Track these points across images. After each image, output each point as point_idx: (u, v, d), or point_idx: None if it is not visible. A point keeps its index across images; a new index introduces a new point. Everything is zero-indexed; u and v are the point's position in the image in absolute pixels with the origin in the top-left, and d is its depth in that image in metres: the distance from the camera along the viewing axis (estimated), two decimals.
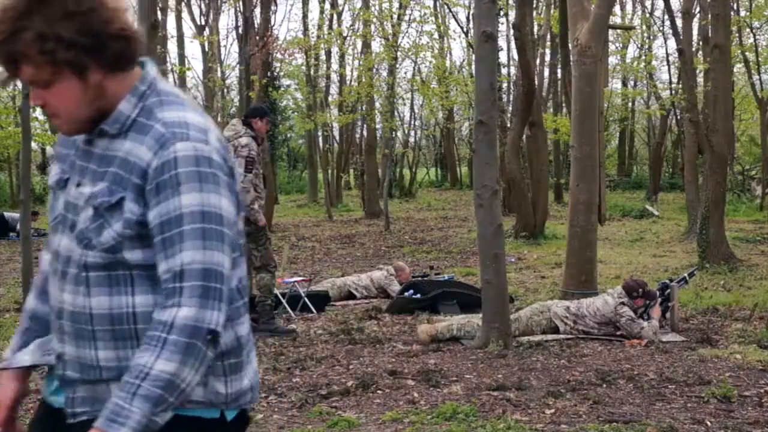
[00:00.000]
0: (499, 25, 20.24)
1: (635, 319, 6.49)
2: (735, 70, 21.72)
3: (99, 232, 1.55)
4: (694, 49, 15.80)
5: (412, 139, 36.91)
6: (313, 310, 8.00)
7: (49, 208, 1.69)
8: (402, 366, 5.64)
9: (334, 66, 26.96)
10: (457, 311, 7.79)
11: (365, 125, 25.23)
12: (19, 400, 1.75)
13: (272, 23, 20.01)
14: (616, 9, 26.58)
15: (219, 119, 24.88)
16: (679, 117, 24.66)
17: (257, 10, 17.03)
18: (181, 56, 22.90)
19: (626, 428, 4.22)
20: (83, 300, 1.57)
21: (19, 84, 13.68)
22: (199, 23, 23.29)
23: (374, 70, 22.31)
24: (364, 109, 23.60)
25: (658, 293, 6.81)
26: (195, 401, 1.57)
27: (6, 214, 16.28)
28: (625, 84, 32.41)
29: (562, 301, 7.09)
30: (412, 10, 22.05)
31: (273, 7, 17.19)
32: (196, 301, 1.48)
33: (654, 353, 6.01)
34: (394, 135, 24.78)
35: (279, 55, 26.02)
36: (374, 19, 20.87)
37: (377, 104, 23.87)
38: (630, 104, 33.27)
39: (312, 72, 23.50)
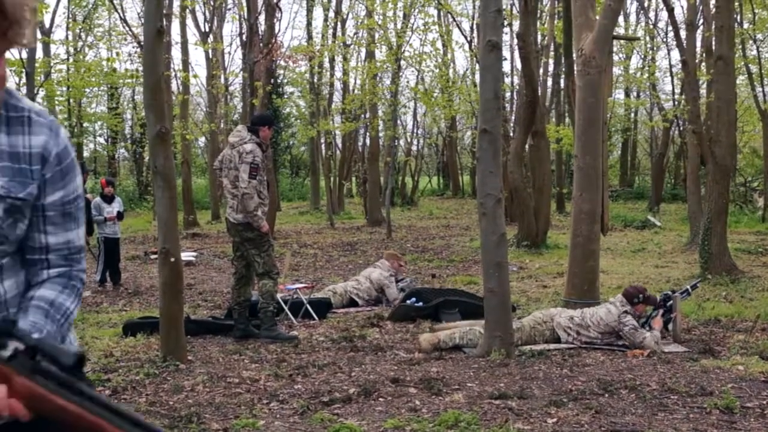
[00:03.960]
0: (503, 35, 20.28)
1: (638, 328, 6.50)
2: (738, 81, 21.73)
3: (14, 228, 1.61)
4: (697, 60, 15.81)
5: (414, 148, 36.96)
6: (315, 316, 8.01)
7: None
8: (404, 374, 5.64)
9: (338, 74, 27.02)
10: (459, 320, 7.80)
11: (368, 133, 25.24)
12: None
13: (277, 30, 20.08)
14: (620, 20, 26.62)
15: (222, 125, 24.89)
16: (681, 128, 24.66)
17: (262, 17, 17.07)
18: (185, 62, 22.92)
19: None
20: None
21: (23, 89, 13.60)
22: (203, 30, 23.34)
23: (377, 77, 22.35)
24: (366, 117, 23.62)
25: (658, 298, 6.85)
26: None
27: None
28: (627, 94, 32.45)
29: (565, 310, 7.08)
30: (415, 19, 22.11)
31: (277, 15, 17.21)
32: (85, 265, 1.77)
33: (656, 363, 6.00)
34: (396, 143, 24.81)
35: (283, 63, 26.11)
36: (377, 27, 20.91)
37: (380, 112, 23.91)
38: (633, 115, 33.31)
39: (315, 79, 23.54)
